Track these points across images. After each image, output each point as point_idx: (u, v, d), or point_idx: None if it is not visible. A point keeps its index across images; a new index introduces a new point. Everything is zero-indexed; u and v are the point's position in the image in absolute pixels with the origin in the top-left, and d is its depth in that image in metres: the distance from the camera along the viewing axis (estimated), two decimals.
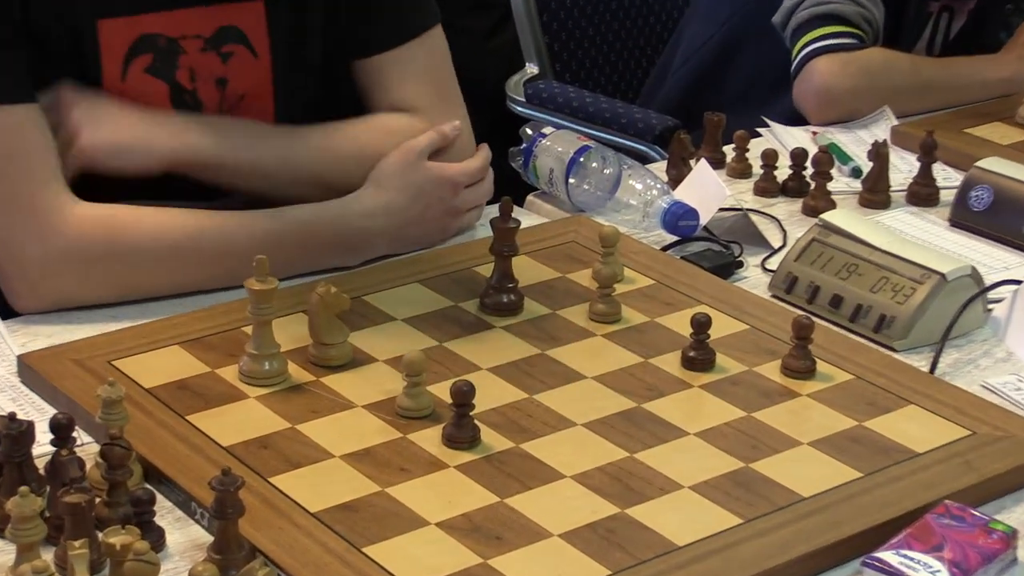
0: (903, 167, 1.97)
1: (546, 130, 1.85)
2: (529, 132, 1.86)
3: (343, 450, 1.28)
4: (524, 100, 2.72)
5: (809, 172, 1.88)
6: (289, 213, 1.59)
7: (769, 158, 1.90)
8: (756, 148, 1.95)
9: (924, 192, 1.89)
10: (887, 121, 2.10)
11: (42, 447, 1.23)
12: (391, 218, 1.62)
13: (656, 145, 2.50)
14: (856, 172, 1.95)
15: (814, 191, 1.86)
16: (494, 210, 1.54)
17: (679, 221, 1.71)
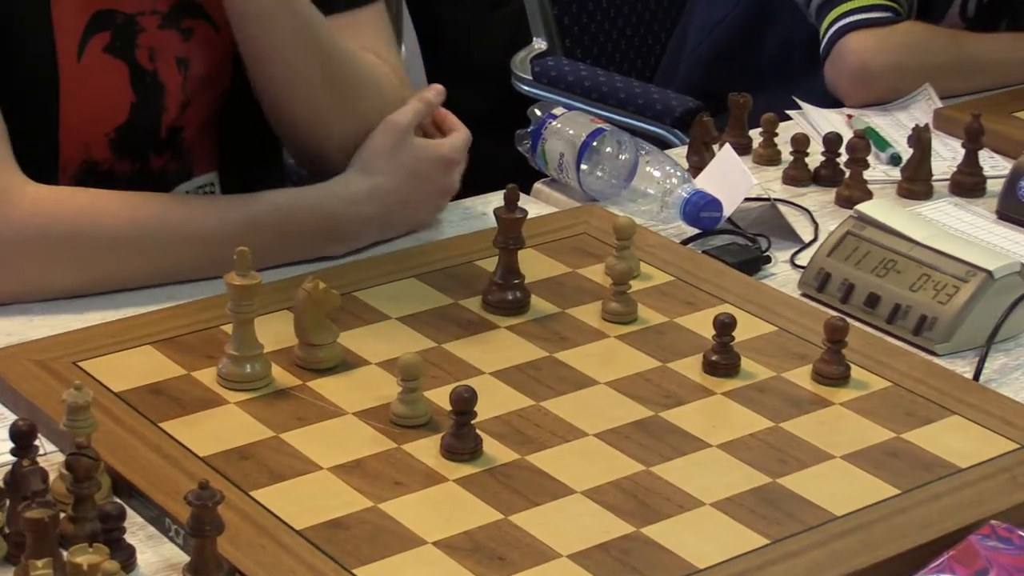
0: (946, 154, 1.97)
1: (556, 111, 1.85)
2: (538, 113, 1.86)
3: (332, 461, 1.28)
4: (531, 78, 2.73)
5: (843, 159, 1.88)
6: (265, 197, 1.60)
7: (800, 143, 1.90)
8: (785, 132, 1.95)
9: (969, 181, 1.89)
10: (929, 103, 2.10)
11: (1, 456, 1.23)
12: (379, 203, 1.63)
13: (676, 129, 2.50)
14: (895, 159, 1.95)
15: (849, 180, 1.86)
16: (498, 199, 1.53)
17: (701, 212, 1.72)
